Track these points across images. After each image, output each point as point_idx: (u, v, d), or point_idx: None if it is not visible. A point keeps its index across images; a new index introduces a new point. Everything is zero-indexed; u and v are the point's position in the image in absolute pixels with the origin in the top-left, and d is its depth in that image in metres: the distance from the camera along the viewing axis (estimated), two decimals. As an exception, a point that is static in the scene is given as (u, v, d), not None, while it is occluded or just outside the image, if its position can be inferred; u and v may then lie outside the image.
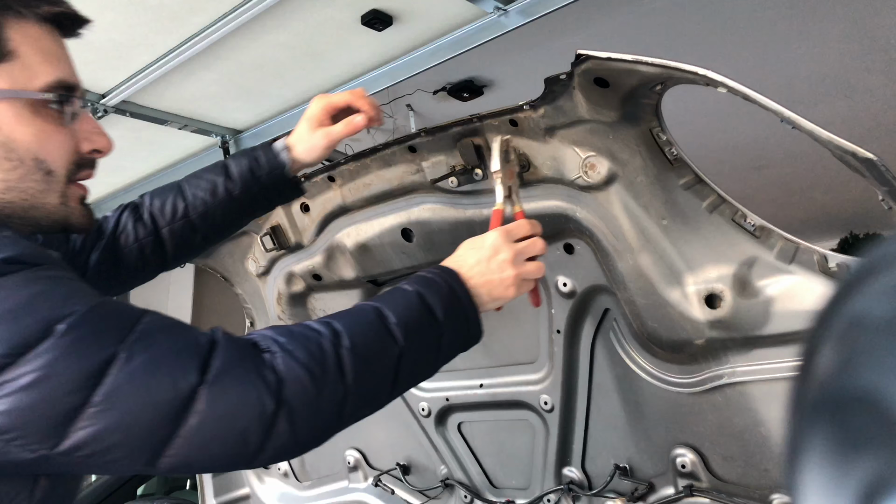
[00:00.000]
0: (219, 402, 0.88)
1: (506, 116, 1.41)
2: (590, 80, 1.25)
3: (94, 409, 0.83)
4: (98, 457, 0.85)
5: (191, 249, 1.50)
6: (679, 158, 1.33)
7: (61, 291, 0.87)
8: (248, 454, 0.92)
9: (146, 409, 0.85)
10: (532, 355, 1.75)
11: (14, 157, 0.97)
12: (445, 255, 1.71)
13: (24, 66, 0.98)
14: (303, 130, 1.44)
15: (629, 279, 1.42)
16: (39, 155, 0.99)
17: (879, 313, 0.33)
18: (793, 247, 1.28)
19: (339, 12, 2.09)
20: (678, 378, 1.48)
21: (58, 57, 1.03)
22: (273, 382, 0.92)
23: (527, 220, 1.30)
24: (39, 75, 0.99)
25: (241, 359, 0.93)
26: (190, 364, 0.89)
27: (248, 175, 1.42)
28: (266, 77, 2.55)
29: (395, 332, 1.05)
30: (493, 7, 2.01)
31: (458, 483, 2.00)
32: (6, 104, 0.97)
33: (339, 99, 1.43)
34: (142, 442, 0.86)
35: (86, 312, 0.86)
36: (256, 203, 1.47)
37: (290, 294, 2.02)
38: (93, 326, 0.86)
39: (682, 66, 1.09)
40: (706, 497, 1.52)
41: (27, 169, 0.99)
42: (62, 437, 0.82)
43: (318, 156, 1.44)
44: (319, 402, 0.95)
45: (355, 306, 1.10)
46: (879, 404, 0.31)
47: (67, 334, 0.83)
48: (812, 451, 0.34)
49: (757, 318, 1.31)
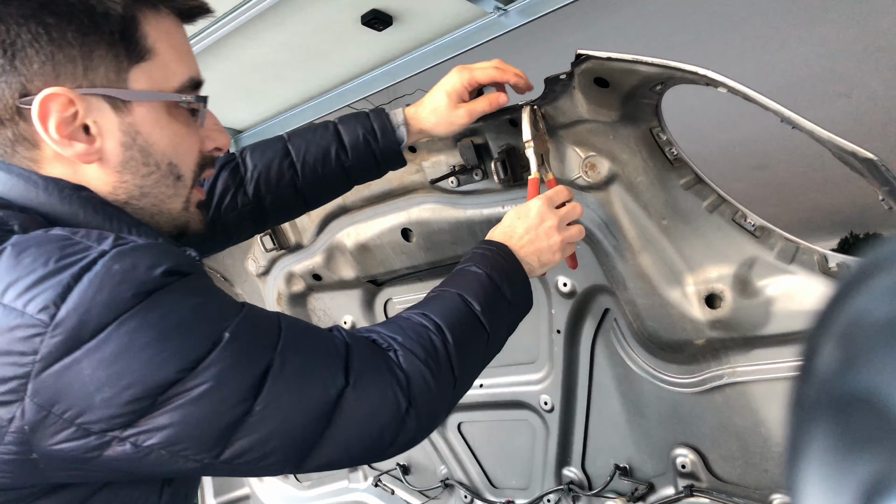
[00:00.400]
0: (362, 403, 0.91)
1: (505, 116, 1.41)
2: (590, 79, 1.24)
3: (256, 418, 0.84)
4: (255, 462, 0.87)
5: (290, 215, 1.45)
6: (679, 158, 1.33)
7: (216, 302, 0.87)
8: (380, 449, 0.95)
9: (301, 414, 0.87)
10: (532, 355, 1.75)
11: (151, 161, 0.95)
12: (445, 255, 1.71)
13: (161, 64, 0.93)
14: (441, 104, 1.34)
15: (629, 279, 1.42)
16: (173, 159, 0.97)
17: (880, 313, 0.33)
18: (793, 247, 1.28)
19: (339, 12, 2.09)
20: (678, 378, 1.48)
21: (187, 51, 0.99)
22: (403, 381, 0.95)
23: (563, 185, 1.32)
24: (176, 74, 0.95)
25: (373, 359, 0.95)
26: (336, 367, 0.91)
27: (362, 147, 1.34)
28: (266, 77, 2.54)
29: (482, 319, 1.10)
30: (493, 7, 2.01)
31: (458, 483, 2.00)
32: (146, 107, 0.93)
33: (484, 75, 1.34)
34: (295, 446, 0.88)
35: (240, 322, 0.86)
36: (364, 174, 1.39)
37: (290, 294, 2.02)
38: (249, 336, 0.86)
39: (683, 66, 1.09)
40: (706, 497, 1.52)
41: (161, 174, 0.96)
42: (226, 446, 0.84)
43: (454, 132, 1.37)
44: (437, 396, 0.99)
45: (440, 294, 1.11)
46: (880, 404, 0.31)
47: (230, 345, 0.83)
48: (812, 452, 0.34)
49: (757, 318, 1.31)
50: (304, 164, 1.35)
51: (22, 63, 0.86)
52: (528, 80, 1.36)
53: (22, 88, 0.87)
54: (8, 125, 0.89)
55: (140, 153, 0.93)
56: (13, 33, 0.85)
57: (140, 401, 0.78)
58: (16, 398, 0.75)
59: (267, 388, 0.85)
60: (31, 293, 0.75)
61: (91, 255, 0.79)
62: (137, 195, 0.95)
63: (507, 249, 1.21)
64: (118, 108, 0.91)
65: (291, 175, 1.35)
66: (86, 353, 0.76)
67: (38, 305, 0.75)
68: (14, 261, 0.78)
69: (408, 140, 1.36)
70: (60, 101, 0.87)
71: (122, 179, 0.94)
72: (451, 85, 1.34)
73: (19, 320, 0.75)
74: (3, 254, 0.78)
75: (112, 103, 0.91)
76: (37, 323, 0.75)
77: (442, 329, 1.03)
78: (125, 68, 0.91)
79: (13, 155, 0.91)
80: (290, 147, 1.36)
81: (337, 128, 1.36)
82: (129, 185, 0.94)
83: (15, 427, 0.76)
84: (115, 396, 0.77)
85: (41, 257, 0.78)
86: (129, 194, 0.95)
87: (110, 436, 0.79)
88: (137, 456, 0.81)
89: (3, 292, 0.76)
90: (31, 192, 0.89)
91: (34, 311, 0.75)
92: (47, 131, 0.87)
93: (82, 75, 0.88)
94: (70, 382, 0.76)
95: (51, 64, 0.87)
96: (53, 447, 0.78)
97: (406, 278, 1.86)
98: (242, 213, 1.35)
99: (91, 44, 0.88)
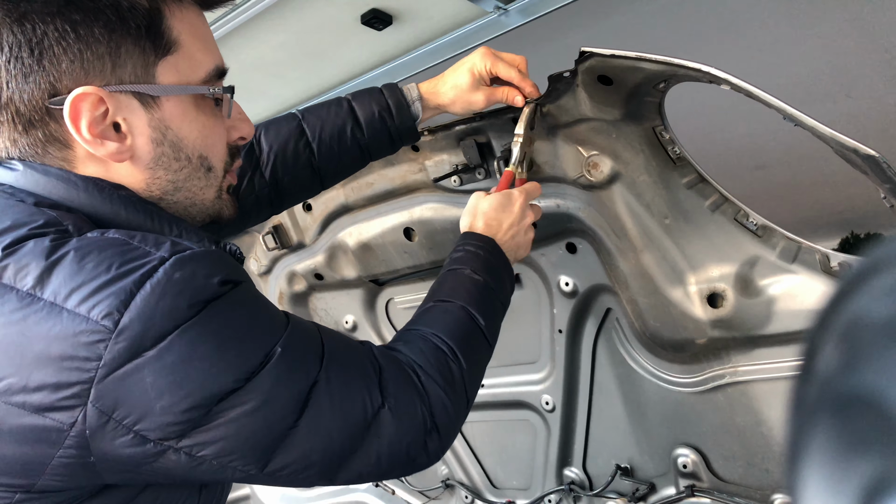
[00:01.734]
0: (394, 422, 0.94)
1: (508, 115, 1.41)
2: (593, 77, 1.24)
3: (300, 432, 0.86)
4: (295, 475, 0.89)
5: (308, 194, 1.43)
6: (682, 157, 1.33)
7: (266, 313, 0.89)
8: (405, 465, 0.98)
9: (341, 430, 0.89)
10: (533, 355, 1.75)
11: (182, 156, 0.94)
12: (447, 254, 1.71)
13: (186, 56, 0.92)
14: (463, 81, 1.31)
15: (631, 278, 1.42)
16: (204, 152, 0.96)
17: (881, 313, 0.33)
18: (795, 246, 1.27)
19: (338, 12, 2.09)
20: (680, 378, 1.48)
21: (210, 39, 0.97)
22: (427, 403, 0.99)
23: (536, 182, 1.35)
24: (202, 65, 0.94)
25: (404, 382, 0.98)
26: (372, 385, 0.94)
27: (378, 124, 1.33)
28: (266, 77, 2.54)
29: (486, 334, 1.13)
30: (493, 7, 2.00)
31: (459, 483, 2.00)
32: (174, 101, 0.92)
33: (506, 73, 1.32)
34: (332, 461, 0.90)
35: (289, 335, 0.88)
36: (377, 152, 1.38)
37: (292, 293, 2.02)
38: (297, 349, 0.88)
39: (687, 63, 1.09)
40: (707, 497, 1.52)
41: (193, 168, 0.96)
42: (271, 459, 0.86)
43: (469, 112, 1.36)
44: (455, 418, 1.03)
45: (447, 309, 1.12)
46: (880, 404, 0.30)
47: (282, 359, 0.85)
48: (813, 451, 0.34)
49: (759, 318, 1.30)
50: (321, 143, 1.33)
51: (50, 62, 0.84)
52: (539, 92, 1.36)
53: (51, 88, 0.85)
54: (38, 126, 0.87)
55: (171, 148, 0.93)
56: (39, 31, 0.83)
57: (197, 409, 0.79)
58: (79, 403, 0.76)
59: (312, 403, 0.87)
60: (95, 299, 0.76)
61: (152, 262, 0.79)
62: (171, 190, 0.95)
63: (496, 248, 1.23)
64: (147, 104, 0.90)
65: (308, 155, 1.34)
66: (147, 361, 0.77)
67: (102, 311, 0.75)
68: (77, 266, 0.77)
69: (423, 115, 1.35)
70: (91, 99, 0.85)
71: (154, 176, 0.93)
72: (476, 66, 1.32)
73: (83, 326, 0.75)
74: (66, 258, 0.78)
75: (141, 99, 0.89)
76: (101, 329, 0.75)
77: (457, 354, 1.06)
78: (152, 63, 0.89)
79: (45, 155, 0.89)
80: (304, 126, 1.34)
81: (351, 105, 1.34)
82: (162, 182, 0.94)
83: (76, 431, 0.77)
84: (174, 405, 0.78)
85: (103, 262, 0.78)
86: (162, 190, 0.95)
87: (166, 445, 0.80)
88: (191, 465, 0.82)
89: (67, 297, 0.76)
90: (73, 192, 0.88)
91: (98, 317, 0.75)
92: (79, 131, 0.86)
93: (110, 72, 0.87)
94: (131, 389, 0.77)
95: (79, 62, 0.85)
96: (112, 452, 0.79)
97: (408, 278, 1.86)
98: (260, 196, 1.34)
99: (118, 39, 0.86)
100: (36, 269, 0.78)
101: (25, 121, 0.87)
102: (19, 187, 0.88)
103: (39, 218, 0.83)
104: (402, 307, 1.92)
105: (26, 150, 0.89)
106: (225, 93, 0.97)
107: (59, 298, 0.76)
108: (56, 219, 0.83)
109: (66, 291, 0.76)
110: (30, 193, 0.88)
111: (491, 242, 1.22)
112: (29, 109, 0.86)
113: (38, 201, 0.86)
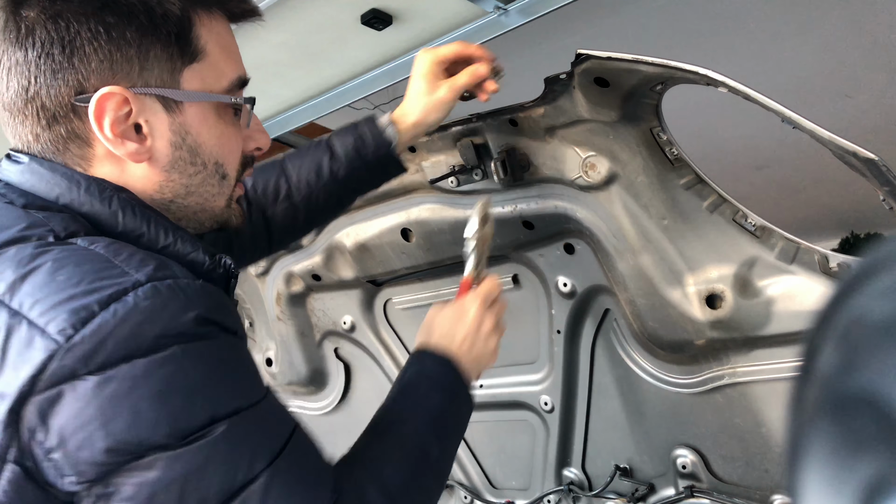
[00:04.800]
0: None
1: (505, 116, 1.41)
2: (590, 79, 1.24)
3: None
4: None
5: (294, 231, 1.42)
6: (679, 158, 1.33)
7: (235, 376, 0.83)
8: None
9: None
10: (532, 356, 1.75)
11: (199, 161, 0.94)
12: (445, 255, 1.71)
13: (211, 64, 0.94)
14: (419, 88, 1.29)
15: (630, 279, 1.42)
16: (220, 159, 0.96)
17: (880, 313, 0.33)
18: (794, 247, 1.27)
19: (338, 12, 2.09)
20: (679, 378, 1.48)
21: (235, 51, 0.99)
22: None
23: (494, 279, 1.28)
24: (226, 74, 0.95)
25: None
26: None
27: (353, 153, 1.31)
28: (266, 77, 2.54)
29: (440, 465, 1.06)
30: (493, 6, 2.00)
31: (458, 483, 2.00)
32: (196, 107, 0.93)
33: (448, 50, 1.30)
34: None
35: (250, 411, 0.81)
36: (362, 183, 1.37)
37: (290, 294, 2.02)
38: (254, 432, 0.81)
39: (683, 66, 1.09)
40: (707, 498, 1.52)
41: (208, 174, 0.96)
42: None
43: (444, 113, 1.30)
44: None
45: (410, 439, 1.03)
46: (880, 405, 0.30)
47: (229, 434, 0.77)
48: (813, 452, 0.34)
49: (758, 319, 1.30)
50: (299, 178, 1.33)
51: (80, 61, 0.86)
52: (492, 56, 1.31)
53: (78, 86, 0.86)
54: (62, 122, 0.88)
55: (189, 153, 0.93)
56: (73, 31, 0.85)
57: (116, 453, 0.74)
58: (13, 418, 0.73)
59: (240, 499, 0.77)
60: (56, 312, 0.74)
61: (125, 284, 0.76)
62: (183, 194, 0.95)
63: (454, 368, 1.14)
64: (170, 109, 0.91)
65: (286, 189, 1.33)
66: (85, 385, 0.73)
67: (59, 325, 0.73)
68: (49, 277, 0.76)
69: (401, 138, 1.31)
70: (116, 100, 0.86)
71: (169, 178, 0.94)
72: (422, 69, 1.30)
73: (38, 338, 0.73)
74: (42, 269, 0.77)
75: (164, 103, 0.91)
76: (51, 343, 0.72)
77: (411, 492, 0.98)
78: (178, 69, 0.91)
79: (64, 152, 0.90)
80: (285, 162, 1.35)
81: (329, 140, 1.35)
82: (175, 185, 0.94)
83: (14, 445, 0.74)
84: (96, 439, 0.73)
85: (75, 277, 0.76)
86: (175, 193, 0.95)
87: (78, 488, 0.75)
88: None
89: (31, 307, 0.75)
90: (74, 191, 0.88)
91: (53, 331, 0.73)
92: (102, 130, 0.87)
93: (137, 75, 0.88)
94: (59, 410, 0.73)
95: (108, 63, 0.86)
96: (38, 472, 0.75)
97: (406, 278, 1.86)
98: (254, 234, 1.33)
99: (148, 44, 0.88)
100: (11, 276, 0.77)
101: (49, 116, 0.88)
102: (15, 184, 0.89)
103: (24, 221, 0.82)
104: (400, 308, 1.92)
105: (47, 146, 0.90)
106: (246, 103, 0.98)
107: (24, 308, 0.75)
108: (42, 220, 0.83)
109: (31, 301, 0.75)
110: (23, 193, 0.88)
111: (449, 365, 1.14)
112: (54, 105, 0.87)
113: (28, 203, 0.86)
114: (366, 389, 2.07)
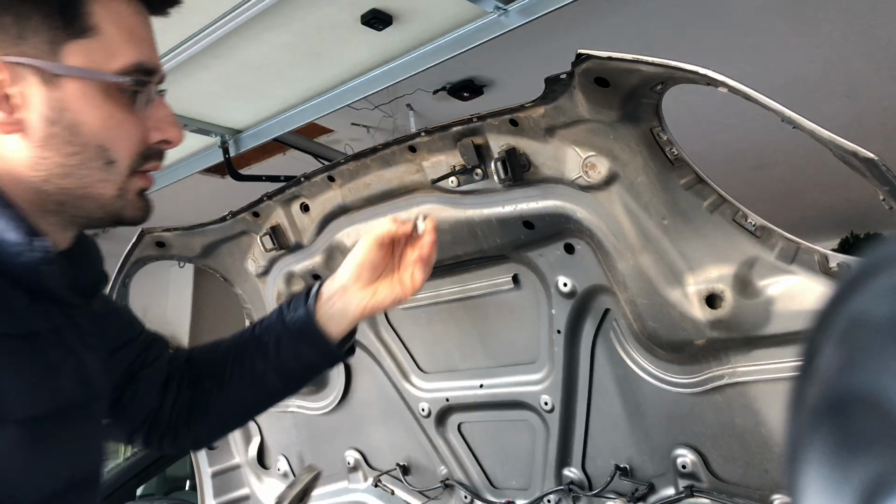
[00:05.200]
0: None
1: (506, 116, 1.41)
2: (590, 79, 1.24)
3: None
4: None
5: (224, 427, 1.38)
6: (680, 158, 1.33)
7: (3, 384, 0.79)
8: None
9: None
10: (532, 355, 1.75)
11: (77, 141, 0.90)
12: (445, 255, 1.70)
13: (104, 44, 0.89)
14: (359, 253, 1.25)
15: (630, 279, 1.42)
16: (104, 143, 0.92)
17: (880, 313, 0.33)
18: (793, 247, 1.28)
19: (339, 12, 2.09)
20: (679, 378, 1.48)
21: (142, 37, 0.94)
22: None
23: None
24: (118, 56, 0.91)
25: None
26: None
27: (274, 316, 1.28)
28: (266, 77, 2.55)
29: None
30: (494, 6, 2.01)
31: (458, 483, 2.00)
32: (77, 84, 0.88)
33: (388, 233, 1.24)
34: None
35: None
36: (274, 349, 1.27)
37: (290, 294, 2.02)
38: None
39: (683, 66, 1.09)
40: (707, 498, 1.52)
41: (89, 156, 0.91)
42: None
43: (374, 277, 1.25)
44: None
45: None
46: (880, 404, 0.30)
47: None
48: (812, 452, 0.34)
49: (758, 319, 1.30)
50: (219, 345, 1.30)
51: None
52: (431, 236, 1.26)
53: None
54: None
55: (65, 131, 0.89)
56: None
57: None
58: None
59: None
60: None
61: None
62: (59, 174, 0.90)
63: None
64: (47, 81, 0.87)
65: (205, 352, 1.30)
66: None
67: None
68: None
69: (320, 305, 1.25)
70: None
71: (42, 155, 0.89)
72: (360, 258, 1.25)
73: None
74: None
75: (41, 76, 0.87)
76: None
77: None
78: (60, 41, 0.87)
79: None
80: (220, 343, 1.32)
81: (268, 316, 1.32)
82: (49, 163, 0.90)
83: None
84: None
85: None
86: (49, 171, 0.90)
87: None
88: None
89: None
90: None
91: None
92: None
93: (12, 43, 0.85)
94: None
95: None
96: None
97: (406, 278, 1.86)
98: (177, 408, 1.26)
99: (28, 12, 0.85)
100: None
101: None
102: None
103: None
104: (400, 308, 1.92)
105: None
106: (137, 85, 0.93)
107: None
108: None
109: None
110: None
111: None
112: None
113: None
114: (366, 389, 2.07)
